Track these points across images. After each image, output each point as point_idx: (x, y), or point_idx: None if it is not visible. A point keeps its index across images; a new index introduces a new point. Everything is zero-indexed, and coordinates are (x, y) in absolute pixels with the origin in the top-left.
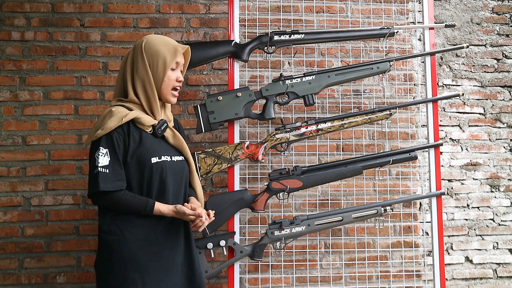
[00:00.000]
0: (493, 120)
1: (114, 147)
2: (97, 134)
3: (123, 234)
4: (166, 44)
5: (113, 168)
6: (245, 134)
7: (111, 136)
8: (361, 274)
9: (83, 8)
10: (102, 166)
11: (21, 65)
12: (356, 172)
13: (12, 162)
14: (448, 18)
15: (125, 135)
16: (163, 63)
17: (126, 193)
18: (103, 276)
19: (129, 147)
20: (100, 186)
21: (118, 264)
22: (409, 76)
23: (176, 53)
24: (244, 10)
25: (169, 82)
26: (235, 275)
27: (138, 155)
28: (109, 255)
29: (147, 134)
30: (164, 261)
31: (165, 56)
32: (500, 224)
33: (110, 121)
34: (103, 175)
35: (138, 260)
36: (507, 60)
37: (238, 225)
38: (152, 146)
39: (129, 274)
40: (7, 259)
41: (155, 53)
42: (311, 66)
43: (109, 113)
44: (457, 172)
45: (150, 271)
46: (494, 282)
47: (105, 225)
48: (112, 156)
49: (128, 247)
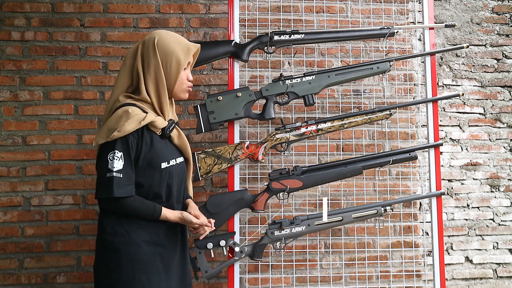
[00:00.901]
0: (493, 120)
1: (129, 151)
2: (113, 136)
3: (129, 235)
4: (180, 42)
5: (126, 172)
6: (245, 134)
7: (127, 139)
8: (361, 274)
9: (83, 8)
10: (117, 171)
11: (21, 65)
12: (356, 172)
13: (12, 162)
14: (448, 18)
15: (139, 139)
16: (176, 62)
17: (135, 198)
18: (106, 277)
19: (141, 150)
20: (114, 192)
21: (125, 265)
22: (409, 76)
23: (189, 52)
24: (244, 10)
25: (182, 82)
26: (235, 275)
27: (149, 159)
28: (114, 255)
29: (157, 136)
30: (166, 261)
31: (179, 56)
32: (500, 224)
33: (128, 123)
34: (118, 180)
35: (144, 261)
36: (507, 60)
37: (238, 225)
38: (162, 150)
39: (136, 275)
40: (7, 259)
41: (169, 52)
42: (311, 66)
43: (126, 114)
44: (457, 172)
45: (155, 272)
46: (494, 282)
47: (109, 226)
48: (126, 160)
49: (134, 248)
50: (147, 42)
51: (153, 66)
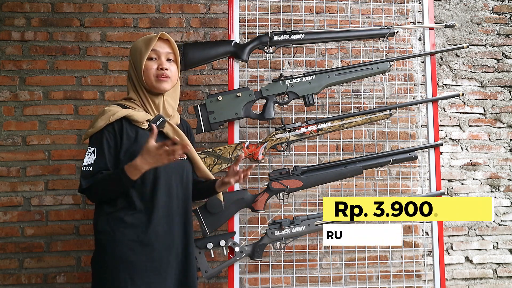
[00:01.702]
0: (493, 120)
1: (102, 145)
2: (88, 133)
3: (114, 234)
4: (144, 38)
5: (97, 164)
6: (245, 134)
7: (101, 134)
8: (361, 274)
9: (83, 8)
10: (86, 165)
11: (21, 65)
12: (356, 172)
13: (12, 162)
14: (448, 18)
15: (118, 133)
16: (139, 55)
17: (96, 176)
18: (98, 274)
19: (122, 144)
20: (82, 184)
21: (110, 264)
22: (409, 76)
23: (150, 41)
24: (244, 10)
25: (148, 71)
26: (235, 275)
27: (132, 152)
28: (102, 254)
29: (144, 131)
30: (157, 263)
31: (141, 48)
32: (500, 224)
33: (100, 120)
34: (85, 173)
35: (129, 261)
36: (507, 60)
37: (238, 225)
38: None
39: (120, 274)
40: (7, 259)
41: (134, 49)
42: (311, 66)
43: (102, 112)
44: (457, 172)
45: (141, 272)
46: (494, 282)
47: (99, 224)
48: (98, 154)
49: (119, 247)
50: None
51: (129, 67)
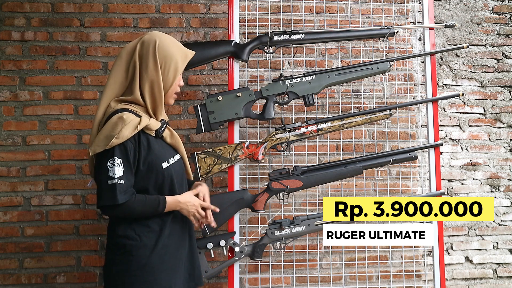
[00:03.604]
0: (493, 120)
1: (128, 156)
2: (112, 143)
3: (141, 239)
4: (179, 48)
5: (127, 178)
6: (245, 134)
7: (125, 145)
8: (361, 274)
9: (83, 8)
10: (118, 177)
11: (21, 65)
12: (356, 172)
13: (12, 162)
14: (448, 18)
15: (136, 143)
16: (175, 68)
17: (137, 197)
18: (119, 278)
19: (140, 154)
20: (118, 199)
21: (135, 267)
22: (409, 76)
23: (186, 59)
24: (244, 10)
25: (176, 87)
26: (235, 275)
27: (149, 161)
28: (126, 258)
29: (153, 138)
30: (172, 262)
31: (178, 61)
32: (500, 224)
33: (125, 129)
34: (120, 187)
35: (153, 263)
36: (507, 60)
37: (238, 225)
38: (160, 150)
39: (145, 277)
40: (7, 259)
41: (168, 56)
42: (311, 66)
43: (121, 120)
44: (457, 172)
45: (163, 273)
46: (494, 282)
47: (121, 230)
48: (125, 166)
49: (145, 251)
50: (147, 43)
51: (151, 68)
